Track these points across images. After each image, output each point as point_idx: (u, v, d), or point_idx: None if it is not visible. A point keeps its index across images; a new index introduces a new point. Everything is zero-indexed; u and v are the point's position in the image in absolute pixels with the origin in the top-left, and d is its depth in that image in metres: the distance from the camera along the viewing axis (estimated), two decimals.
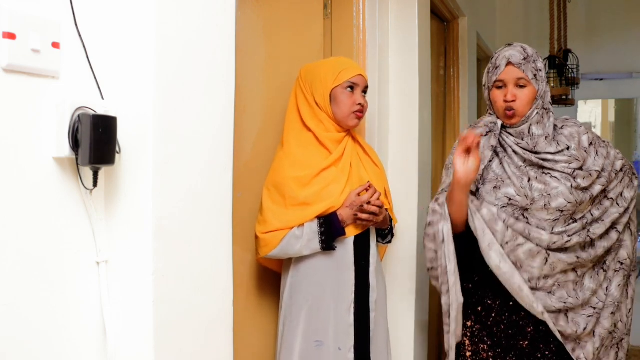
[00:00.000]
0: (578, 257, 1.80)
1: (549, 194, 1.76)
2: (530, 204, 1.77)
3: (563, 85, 4.10)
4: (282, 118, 1.88)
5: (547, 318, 1.78)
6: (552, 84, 4.05)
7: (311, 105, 1.79)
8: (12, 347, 0.96)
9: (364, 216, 1.73)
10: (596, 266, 1.88)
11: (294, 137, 1.79)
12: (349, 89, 1.79)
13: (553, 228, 1.79)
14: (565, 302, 1.80)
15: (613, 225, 1.88)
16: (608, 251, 1.90)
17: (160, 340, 1.11)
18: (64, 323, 1.05)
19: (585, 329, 1.83)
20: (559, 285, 1.81)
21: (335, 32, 2.27)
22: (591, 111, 7.04)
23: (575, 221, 1.82)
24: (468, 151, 1.71)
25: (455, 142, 1.99)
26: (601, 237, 1.85)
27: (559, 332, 1.80)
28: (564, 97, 4.15)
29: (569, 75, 4.18)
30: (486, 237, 1.76)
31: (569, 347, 1.82)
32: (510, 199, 1.79)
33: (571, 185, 1.77)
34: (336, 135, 1.81)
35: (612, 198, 1.87)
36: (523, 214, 1.79)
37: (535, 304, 1.77)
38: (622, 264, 1.90)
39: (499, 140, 1.85)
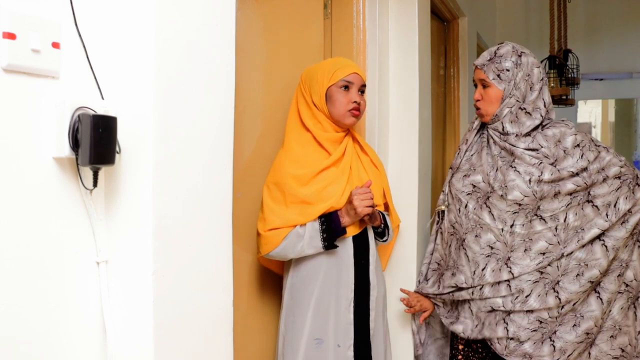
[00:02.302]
0: (542, 272, 1.76)
1: (506, 186, 1.77)
2: (491, 192, 1.80)
3: (563, 85, 4.11)
4: (282, 118, 1.88)
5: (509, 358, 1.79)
6: (552, 84, 4.05)
7: (309, 106, 1.80)
8: (12, 347, 0.96)
9: (363, 202, 1.70)
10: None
11: (294, 137, 1.80)
12: (343, 88, 1.79)
13: (514, 221, 1.77)
14: (542, 320, 1.76)
15: (599, 238, 1.76)
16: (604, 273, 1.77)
17: (160, 340, 1.11)
18: (64, 323, 1.05)
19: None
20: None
21: (335, 32, 2.27)
22: (591, 111, 7.04)
23: (543, 220, 1.75)
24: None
25: (459, 142, 2.04)
26: (583, 246, 1.75)
27: None
28: (564, 97, 4.15)
29: (569, 75, 4.18)
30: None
31: None
32: (474, 186, 1.85)
33: (530, 180, 1.74)
34: (334, 135, 1.81)
35: (597, 205, 1.75)
36: (486, 202, 1.81)
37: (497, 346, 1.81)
38: (627, 285, 1.78)
39: (487, 132, 1.90)
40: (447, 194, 1.94)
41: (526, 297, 1.75)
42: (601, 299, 1.76)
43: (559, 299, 1.73)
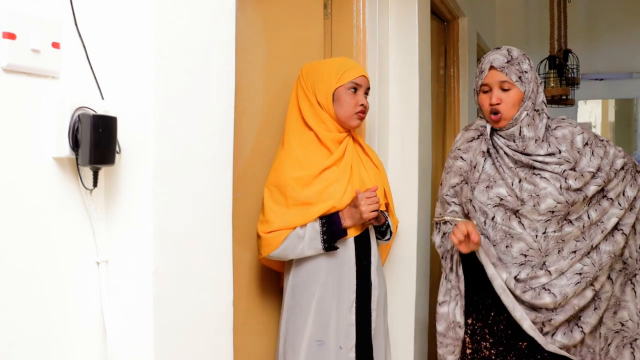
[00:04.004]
0: (581, 274, 1.78)
1: (538, 195, 1.76)
2: (521, 205, 1.77)
3: (563, 85, 4.10)
4: (282, 118, 1.88)
5: (528, 327, 1.77)
6: (552, 84, 4.05)
7: (312, 104, 1.79)
8: (12, 348, 0.96)
9: (370, 207, 1.71)
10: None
11: (295, 136, 1.79)
12: (352, 90, 1.79)
13: (546, 229, 1.77)
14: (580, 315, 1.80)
15: (617, 227, 1.83)
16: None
17: (160, 340, 1.11)
18: (64, 323, 1.05)
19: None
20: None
21: (335, 32, 2.27)
22: (591, 111, 7.03)
23: (571, 222, 1.79)
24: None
25: (452, 144, 2.00)
26: (605, 239, 1.81)
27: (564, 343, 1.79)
28: (564, 97, 4.15)
29: (569, 75, 4.18)
30: (490, 269, 1.80)
31: (578, 358, 1.81)
32: (501, 199, 1.81)
33: (560, 186, 1.75)
34: (337, 136, 1.81)
35: (611, 198, 1.82)
36: (515, 214, 1.79)
37: (535, 332, 1.77)
38: (624, 262, 1.87)
39: (492, 141, 1.86)
40: (471, 207, 1.86)
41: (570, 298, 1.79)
42: (611, 279, 1.84)
43: (595, 290, 1.81)
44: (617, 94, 5.78)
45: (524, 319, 1.77)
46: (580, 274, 1.78)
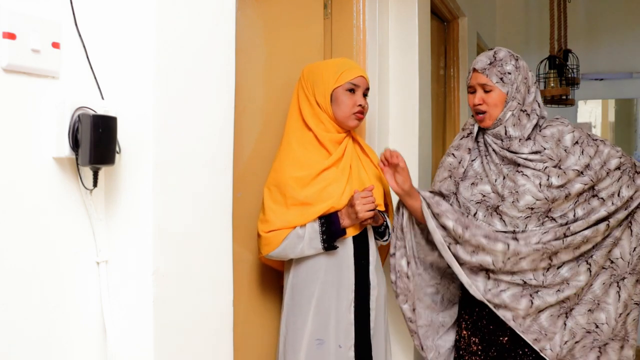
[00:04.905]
0: (544, 244, 1.76)
1: (517, 192, 1.77)
2: (501, 201, 1.79)
3: (563, 85, 4.10)
4: (282, 118, 1.88)
5: (488, 303, 1.79)
6: (552, 84, 4.05)
7: (312, 104, 1.80)
8: (12, 348, 0.96)
9: (365, 207, 1.71)
10: (580, 259, 1.80)
11: (295, 136, 1.80)
12: (349, 90, 1.79)
13: (526, 225, 1.78)
14: (526, 280, 1.78)
15: (604, 220, 1.79)
16: (597, 246, 1.80)
17: (160, 340, 1.11)
18: (64, 323, 1.05)
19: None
20: (522, 275, 1.79)
21: (335, 32, 2.27)
22: (591, 111, 7.03)
23: (554, 220, 1.78)
24: (394, 167, 1.85)
25: (452, 142, 2.01)
26: (588, 227, 1.78)
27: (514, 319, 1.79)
28: (564, 97, 4.15)
29: (569, 75, 4.17)
30: (430, 224, 1.83)
31: (529, 337, 1.78)
32: (484, 196, 1.83)
33: (540, 184, 1.76)
34: (336, 136, 1.81)
35: (602, 198, 1.79)
36: (496, 211, 1.80)
37: (472, 287, 1.80)
38: (612, 262, 1.83)
39: (484, 140, 1.89)
40: (455, 202, 1.89)
41: (520, 259, 1.78)
42: (590, 271, 1.80)
43: (550, 264, 1.79)
44: (617, 94, 5.77)
45: (461, 275, 1.81)
46: (544, 244, 1.76)
